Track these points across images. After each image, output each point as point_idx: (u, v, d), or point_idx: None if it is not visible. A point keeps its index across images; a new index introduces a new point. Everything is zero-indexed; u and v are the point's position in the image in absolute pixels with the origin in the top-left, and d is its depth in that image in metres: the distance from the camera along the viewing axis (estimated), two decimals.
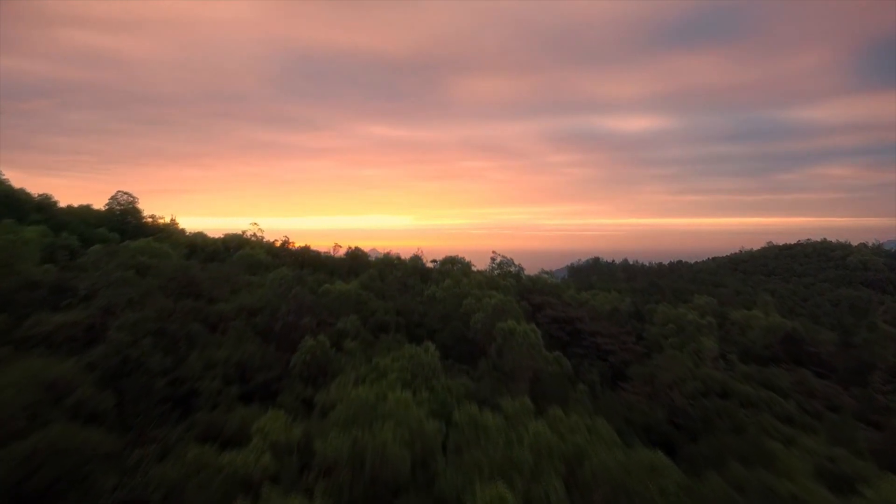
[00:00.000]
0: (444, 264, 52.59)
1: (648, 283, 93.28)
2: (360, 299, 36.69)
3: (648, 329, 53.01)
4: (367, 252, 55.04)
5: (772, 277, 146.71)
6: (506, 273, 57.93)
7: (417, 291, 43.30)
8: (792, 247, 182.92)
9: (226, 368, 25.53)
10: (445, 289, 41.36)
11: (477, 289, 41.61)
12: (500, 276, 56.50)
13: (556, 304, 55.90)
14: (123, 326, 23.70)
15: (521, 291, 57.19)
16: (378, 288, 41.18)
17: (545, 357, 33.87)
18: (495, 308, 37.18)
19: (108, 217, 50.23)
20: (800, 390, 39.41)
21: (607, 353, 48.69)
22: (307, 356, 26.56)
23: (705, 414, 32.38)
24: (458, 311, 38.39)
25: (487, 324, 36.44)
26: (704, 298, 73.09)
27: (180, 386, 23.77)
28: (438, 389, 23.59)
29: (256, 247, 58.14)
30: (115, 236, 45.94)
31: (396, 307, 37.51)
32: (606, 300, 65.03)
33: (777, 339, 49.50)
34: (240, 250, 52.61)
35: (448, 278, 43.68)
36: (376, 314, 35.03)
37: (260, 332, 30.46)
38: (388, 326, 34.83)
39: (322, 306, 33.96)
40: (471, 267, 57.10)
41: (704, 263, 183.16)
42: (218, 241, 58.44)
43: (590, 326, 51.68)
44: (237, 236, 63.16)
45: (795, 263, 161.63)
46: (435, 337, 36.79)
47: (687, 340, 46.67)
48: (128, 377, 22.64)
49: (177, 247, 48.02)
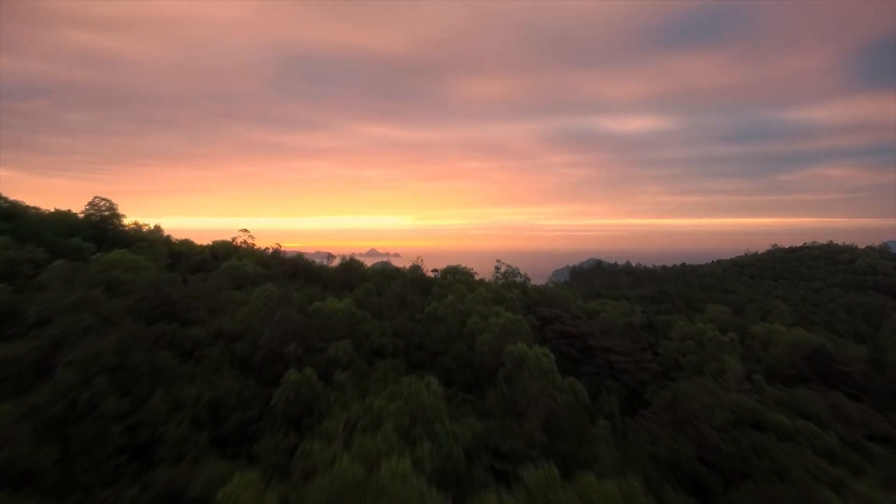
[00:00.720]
0: (446, 275, 49.13)
1: (657, 290, 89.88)
2: (354, 318, 33.23)
3: (664, 345, 49.57)
4: (363, 262, 51.43)
5: (780, 282, 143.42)
6: (511, 283, 54.48)
7: (417, 307, 39.85)
8: (798, 249, 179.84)
9: (196, 409, 22.05)
10: (447, 305, 37.92)
11: (482, 305, 38.16)
12: (505, 287, 53.06)
13: (565, 318, 52.45)
14: (73, 363, 20.22)
15: (527, 304, 53.78)
16: (374, 304, 37.72)
17: (559, 385, 30.45)
18: (503, 328, 33.76)
19: (84, 225, 46.70)
20: (835, 416, 35.94)
21: (621, 372, 45.24)
22: (291, 392, 23.10)
23: (739, 450, 29.03)
24: (462, 332, 34.96)
25: (494, 346, 33.00)
26: (718, 308, 69.73)
27: (139, 433, 20.31)
28: (442, 437, 20.17)
29: (246, 256, 54.66)
30: (90, 247, 42.44)
31: (394, 327, 34.06)
32: (617, 311, 61.63)
33: (803, 356, 46.03)
34: (227, 260, 49.12)
35: (450, 293, 40.23)
36: (371, 336, 31.57)
37: (239, 360, 27.00)
38: (384, 350, 31.38)
39: (311, 329, 30.50)
40: (474, 276, 53.69)
41: (709, 267, 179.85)
42: (205, 250, 54.94)
43: (602, 342, 48.25)
44: (226, 244, 59.70)
45: (802, 267, 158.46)
46: (437, 361, 33.39)
47: (707, 359, 43.26)
48: (76, 425, 19.20)
49: (158, 257, 44.54)
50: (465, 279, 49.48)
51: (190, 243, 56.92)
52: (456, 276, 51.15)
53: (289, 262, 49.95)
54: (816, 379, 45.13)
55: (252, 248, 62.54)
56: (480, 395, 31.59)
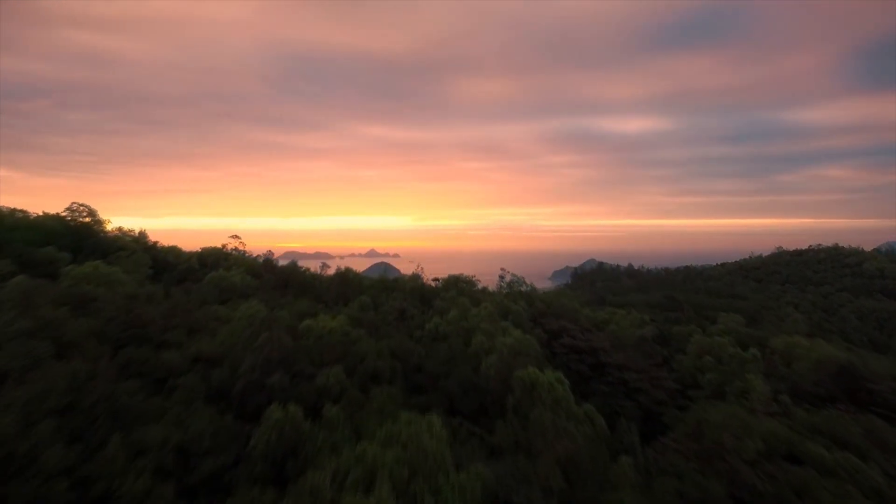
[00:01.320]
0: (448, 286, 46.11)
1: (665, 296, 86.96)
2: (349, 338, 30.21)
3: (679, 359, 46.57)
4: (359, 270, 48.30)
5: (787, 286, 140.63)
6: (516, 293, 51.50)
7: (417, 322, 36.87)
8: (803, 252, 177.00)
9: (161, 455, 19.02)
10: (450, 322, 34.91)
11: (487, 322, 35.16)
12: (510, 298, 50.06)
13: (574, 331, 49.42)
14: (12, 406, 17.19)
15: (533, 315, 50.80)
16: (370, 320, 34.72)
17: (575, 415, 27.45)
18: (511, 349, 30.77)
19: (62, 232, 43.64)
20: (873, 444, 32.93)
21: (636, 391, 42.24)
22: (272, 434, 20.08)
23: (777, 489, 26.11)
24: (467, 352, 31.94)
25: (502, 370, 30.02)
26: (731, 318, 66.81)
27: (91, 488, 17.32)
28: (447, 492, 17.21)
29: (236, 264, 51.62)
30: (65, 257, 39.41)
31: (392, 347, 31.01)
32: (627, 322, 58.66)
33: (829, 372, 43.05)
34: (216, 269, 46.06)
35: (453, 306, 37.24)
36: (367, 359, 28.53)
37: (217, 390, 23.98)
38: (381, 375, 28.36)
39: (300, 352, 27.49)
40: (476, 285, 50.69)
41: (714, 270, 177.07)
42: (193, 257, 51.89)
43: (615, 358, 45.25)
44: (215, 251, 56.69)
45: (809, 270, 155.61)
46: (438, 385, 30.39)
47: (729, 377, 40.33)
48: (11, 483, 16.27)
49: (139, 267, 41.49)
50: (469, 289, 46.44)
51: (177, 250, 53.87)
52: (458, 285, 48.13)
53: (281, 272, 46.88)
54: (844, 399, 42.15)
55: (243, 254, 59.55)
56: (487, 424, 28.60)
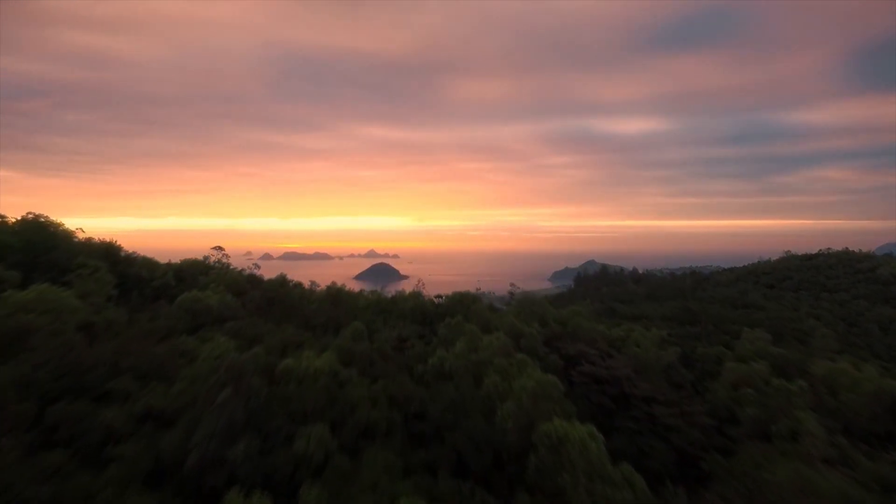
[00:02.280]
0: (453, 305, 41.15)
1: (681, 308, 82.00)
2: (337, 381, 25.20)
3: (711, 388, 41.58)
4: (352, 290, 43.21)
5: (800, 293, 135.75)
6: (529, 312, 46.56)
7: (419, 353, 31.86)
8: (813, 257, 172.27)
9: None
10: (457, 356, 29.89)
11: (500, 354, 30.18)
12: (521, 317, 45.09)
13: (593, 356, 44.38)
14: None
15: (547, 337, 45.79)
16: (364, 353, 29.69)
17: (612, 479, 22.52)
18: (532, 393, 25.78)
19: (14, 246, 38.53)
20: None
21: (667, 429, 37.24)
22: None
23: None
24: (477, 395, 26.93)
25: (522, 420, 25.06)
26: (756, 335, 62.01)
27: None
28: None
29: (217, 279, 46.56)
30: (14, 276, 34.32)
31: (388, 391, 25.98)
32: (646, 340, 53.67)
33: (886, 406, 38.21)
34: (192, 288, 40.96)
35: (460, 335, 32.27)
36: (358, 409, 23.51)
37: (167, 464, 18.94)
38: (375, 429, 23.34)
39: (276, 401, 22.48)
40: (482, 300, 45.74)
41: (721, 275, 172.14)
42: (169, 272, 46.78)
43: (641, 389, 40.23)
44: (196, 263, 51.62)
45: (821, 276, 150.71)
46: (444, 437, 25.38)
47: (774, 414, 35.47)
48: None
49: (101, 287, 36.40)
50: (477, 310, 41.43)
51: (152, 263, 48.75)
52: (465, 304, 43.16)
53: (266, 289, 41.70)
54: None
55: (227, 267, 54.48)
56: (503, 490, 23.64)
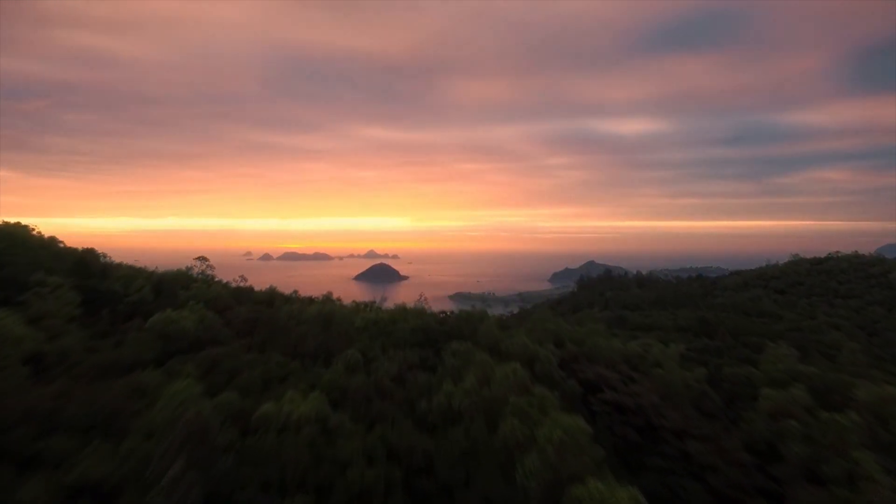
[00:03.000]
0: (460, 326, 36.91)
1: (697, 319, 77.76)
2: (325, 430, 20.98)
3: (749, 419, 37.37)
4: (347, 308, 38.93)
5: (812, 299, 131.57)
6: (543, 330, 42.38)
7: (423, 385, 27.62)
8: (823, 261, 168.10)
9: None
10: (467, 392, 25.67)
11: (518, 390, 25.98)
12: (534, 335, 40.91)
13: (614, 380, 40.21)
14: None
15: (563, 359, 41.54)
16: (359, 389, 25.47)
17: None
18: (559, 445, 21.60)
19: None
20: None
21: (703, 468, 33.06)
22: None
23: None
24: (492, 444, 22.72)
25: (548, 479, 20.89)
26: (782, 350, 57.78)
27: None
28: None
29: (199, 294, 42.34)
30: None
31: (387, 441, 21.76)
32: (667, 357, 49.43)
33: None
34: (168, 307, 36.69)
35: (469, 365, 28.04)
36: (350, 471, 19.29)
37: None
38: (371, 494, 19.11)
39: (248, 462, 18.26)
40: (490, 321, 41.57)
41: (729, 279, 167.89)
42: (146, 286, 42.53)
43: (670, 419, 36.03)
44: (180, 275, 47.43)
45: (832, 281, 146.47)
46: (455, 499, 21.17)
47: (825, 452, 31.34)
48: None
49: (61, 308, 32.16)
50: (485, 331, 37.16)
51: (129, 275, 44.52)
52: (471, 323, 38.92)
53: (253, 308, 37.29)
54: None
55: (212, 279, 50.27)
56: None
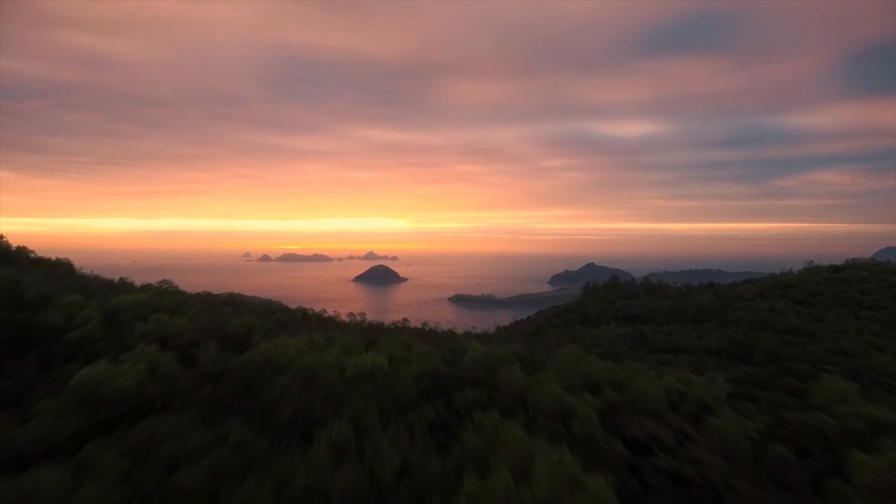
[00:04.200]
0: (476, 373, 29.65)
1: (729, 340, 70.66)
2: None
3: (844, 494, 30.19)
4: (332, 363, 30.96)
5: (836, 311, 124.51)
6: (574, 372, 35.13)
7: (434, 478, 20.36)
8: (841, 269, 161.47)
9: None
10: (496, 491, 18.34)
11: (570, 490, 18.62)
12: (566, 382, 33.65)
13: (666, 439, 32.76)
14: None
15: (602, 410, 34.19)
16: (348, 486, 18.23)
17: None
18: None
19: None
20: None
21: None
22: None
23: None
24: None
25: None
26: (840, 384, 50.39)
27: None
28: None
29: (159, 327, 34.90)
30: None
31: None
32: (714, 399, 42.18)
33: None
34: (114, 350, 29.18)
35: (498, 450, 20.70)
36: None
37: None
38: None
39: None
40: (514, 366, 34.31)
41: (744, 288, 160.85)
42: (94, 318, 35.03)
43: (745, 497, 28.83)
44: (140, 300, 39.97)
45: (854, 290, 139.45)
46: None
47: None
48: None
49: None
50: (509, 379, 29.76)
51: (73, 305, 36.99)
52: (490, 369, 31.49)
53: (215, 360, 29.52)
54: None
55: (183, 302, 42.83)
56: None
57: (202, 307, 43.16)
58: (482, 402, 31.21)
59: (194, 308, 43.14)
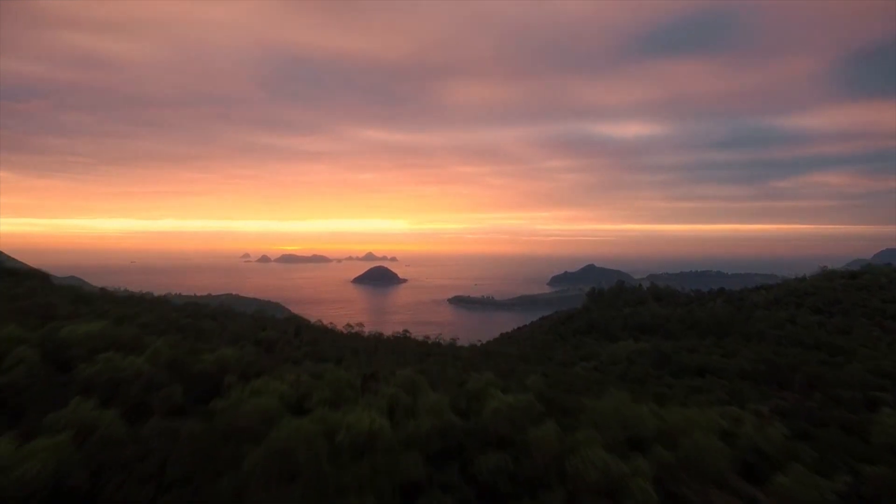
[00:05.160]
0: (501, 428, 23.63)
1: (761, 360, 64.37)
2: None
3: None
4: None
5: (860, 321, 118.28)
6: (615, 422, 28.24)
7: None
8: (858, 275, 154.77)
9: None
10: None
11: None
12: (606, 437, 26.81)
13: None
14: None
15: (658, 476, 28.07)
16: None
17: None
18: None
19: None
20: None
21: None
22: None
23: None
24: None
25: None
26: None
27: None
28: None
29: (108, 369, 28.30)
30: None
31: None
32: (773, 446, 36.19)
33: None
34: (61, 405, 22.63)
35: None
36: None
37: None
38: None
39: None
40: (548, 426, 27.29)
41: (758, 295, 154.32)
42: (29, 356, 28.48)
43: None
44: (91, 337, 33.18)
45: (874, 299, 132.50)
46: None
47: None
48: None
49: None
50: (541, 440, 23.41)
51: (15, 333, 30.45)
52: (518, 427, 24.97)
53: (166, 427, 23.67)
54: None
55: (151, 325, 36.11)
56: None
57: (171, 337, 36.43)
58: (508, 471, 25.08)
59: (159, 340, 36.18)
